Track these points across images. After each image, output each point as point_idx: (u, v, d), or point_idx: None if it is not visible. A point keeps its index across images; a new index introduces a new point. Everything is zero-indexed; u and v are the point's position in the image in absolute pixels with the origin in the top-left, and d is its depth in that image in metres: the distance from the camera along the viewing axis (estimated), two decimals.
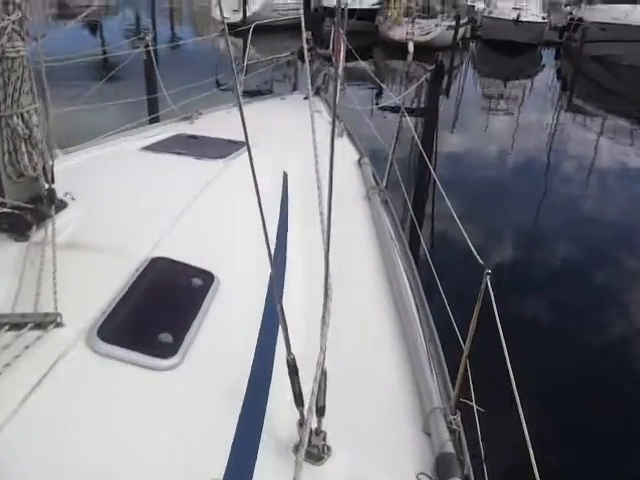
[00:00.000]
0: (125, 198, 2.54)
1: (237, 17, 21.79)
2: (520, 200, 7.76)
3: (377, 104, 15.72)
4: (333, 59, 4.92)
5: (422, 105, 6.64)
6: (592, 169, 9.74)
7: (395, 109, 8.06)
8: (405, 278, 2.21)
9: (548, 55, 25.50)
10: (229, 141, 3.40)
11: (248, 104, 4.69)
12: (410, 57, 20.20)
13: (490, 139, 11.42)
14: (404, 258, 2.42)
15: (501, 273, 5.28)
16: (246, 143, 1.28)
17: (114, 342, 1.60)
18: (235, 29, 21.11)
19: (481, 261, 1.57)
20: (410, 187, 5.38)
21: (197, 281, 1.94)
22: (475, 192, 7.64)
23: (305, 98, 5.06)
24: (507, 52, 22.60)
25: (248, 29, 5.41)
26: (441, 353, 1.83)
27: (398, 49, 20.51)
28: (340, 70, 4.78)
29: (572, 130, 12.88)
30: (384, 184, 3.35)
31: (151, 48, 5.80)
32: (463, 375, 1.49)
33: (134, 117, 4.36)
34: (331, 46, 5.39)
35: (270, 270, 1.40)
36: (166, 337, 1.65)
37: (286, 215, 2.60)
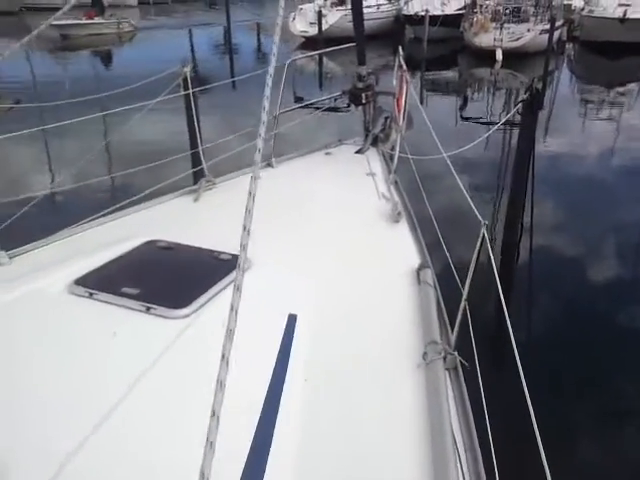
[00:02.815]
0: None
1: (315, 30, 21.16)
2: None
3: (462, 116, 14.53)
4: (394, 105, 3.84)
5: (511, 147, 5.32)
6: None
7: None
8: None
9: None
10: (219, 259, 2.35)
11: (281, 164, 3.72)
12: (498, 65, 18.54)
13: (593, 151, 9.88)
14: None
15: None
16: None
17: None
18: (314, 43, 20.86)
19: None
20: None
21: None
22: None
23: (357, 152, 4.02)
24: (611, 54, 20.24)
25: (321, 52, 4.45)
26: None
27: (485, 57, 18.90)
28: (403, 123, 3.68)
29: None
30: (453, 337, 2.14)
31: (190, 91, 4.84)
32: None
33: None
34: (394, 82, 4.31)
35: None
36: None
37: None
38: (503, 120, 4.86)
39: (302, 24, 22.74)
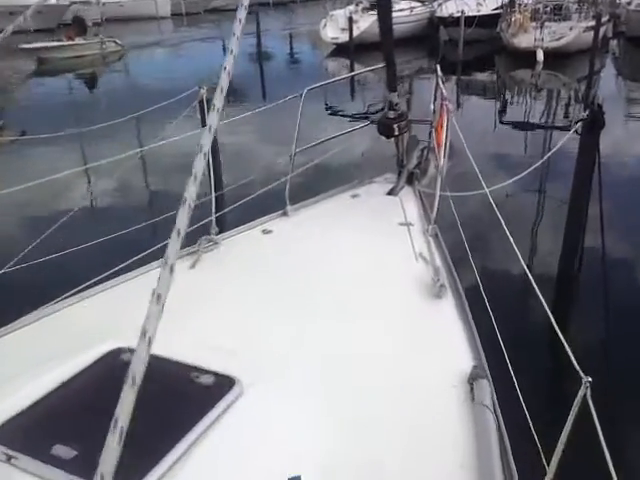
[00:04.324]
0: None
1: (346, 36, 20.61)
2: None
3: (501, 121, 13.70)
4: (432, 136, 3.22)
5: (570, 170, 4.61)
6: None
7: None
8: None
9: None
10: (199, 384, 1.70)
11: (298, 211, 3.15)
12: (539, 66, 17.58)
13: None
14: None
15: None
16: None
17: None
18: (345, 50, 20.28)
19: None
20: None
21: None
22: None
23: (390, 192, 3.42)
24: None
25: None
26: None
27: (524, 58, 17.97)
28: (444, 161, 3.05)
29: None
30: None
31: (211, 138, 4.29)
32: None
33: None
34: (432, 107, 3.70)
35: None
36: None
37: None
38: (558, 145, 4.15)
39: (333, 30, 22.22)
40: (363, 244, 2.81)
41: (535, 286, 2.08)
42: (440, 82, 3.36)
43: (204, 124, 5.32)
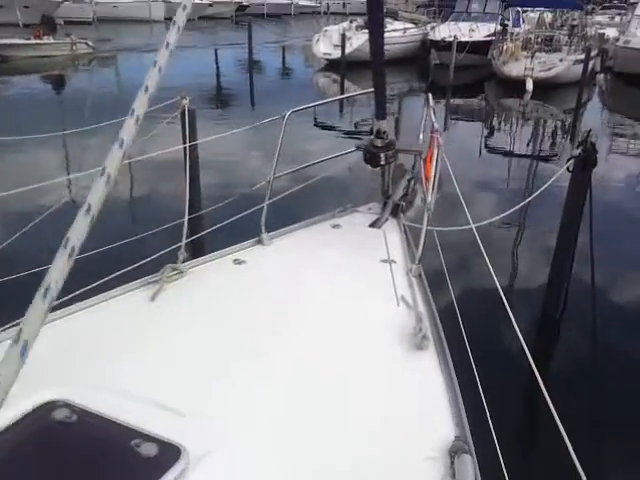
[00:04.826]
0: None
1: (339, 53, 20.61)
2: None
3: (487, 147, 13.68)
4: (421, 167, 3.04)
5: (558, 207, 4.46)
6: None
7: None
8: None
9: None
10: (139, 455, 1.42)
11: (274, 240, 2.92)
12: (528, 95, 17.70)
13: None
14: None
15: None
16: None
17: None
18: (337, 66, 20.30)
19: None
20: None
21: None
22: None
23: (373, 224, 3.22)
24: None
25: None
26: None
27: (514, 86, 18.09)
28: (432, 195, 2.85)
29: None
30: None
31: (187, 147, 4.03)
32: None
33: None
34: (421, 136, 3.52)
35: None
36: None
37: None
38: (548, 183, 4.00)
39: (326, 46, 22.24)
40: (341, 282, 2.60)
41: (522, 341, 1.90)
42: (431, 113, 3.19)
43: (187, 137, 5.11)
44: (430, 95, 3.48)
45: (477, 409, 1.93)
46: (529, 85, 17.77)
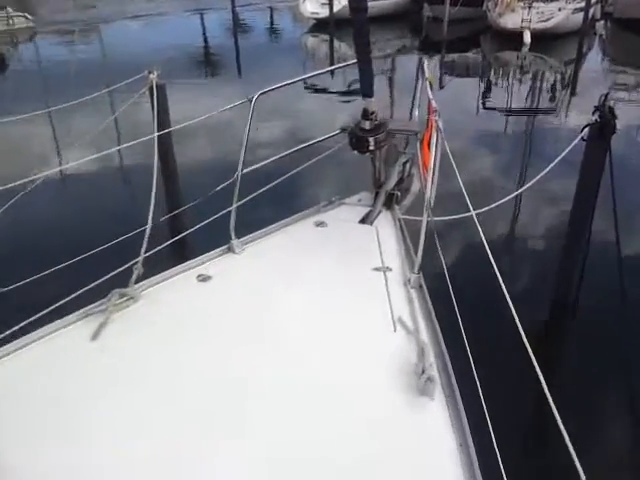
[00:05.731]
0: None
1: (327, 11, 19.69)
2: None
3: (484, 105, 13.04)
4: (417, 149, 2.58)
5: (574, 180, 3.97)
6: None
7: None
8: None
9: None
10: None
11: (247, 246, 2.48)
12: (526, 48, 16.94)
13: None
14: None
15: None
16: None
17: None
18: (325, 25, 19.37)
19: None
20: None
21: None
22: None
23: (363, 220, 2.78)
24: None
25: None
26: None
27: (511, 39, 17.29)
28: (432, 188, 2.37)
29: None
30: None
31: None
32: None
33: None
34: (415, 112, 3.04)
35: None
36: None
37: None
38: (558, 158, 3.52)
39: (313, 5, 21.28)
40: (326, 300, 2.18)
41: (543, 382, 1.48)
42: (427, 86, 2.70)
43: (155, 112, 4.63)
44: (426, 63, 2.98)
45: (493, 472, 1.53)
46: (527, 37, 17.00)
